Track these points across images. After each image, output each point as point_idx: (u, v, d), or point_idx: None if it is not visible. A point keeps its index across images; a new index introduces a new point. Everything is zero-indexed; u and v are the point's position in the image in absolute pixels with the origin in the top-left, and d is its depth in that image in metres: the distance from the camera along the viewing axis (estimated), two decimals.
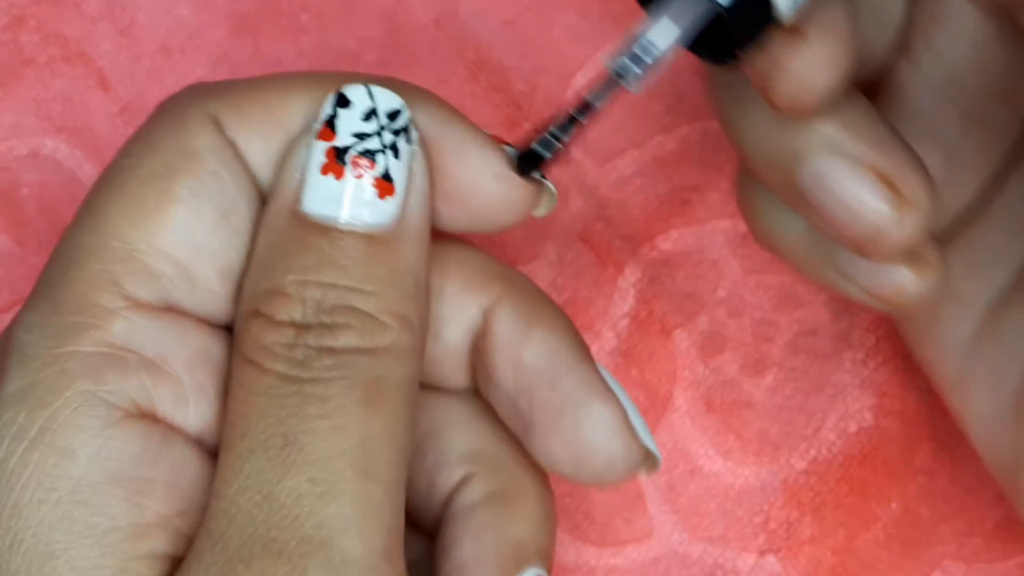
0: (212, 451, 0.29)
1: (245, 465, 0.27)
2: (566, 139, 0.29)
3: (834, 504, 0.38)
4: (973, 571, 0.38)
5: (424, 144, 0.30)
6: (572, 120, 0.28)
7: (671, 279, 0.39)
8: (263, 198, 0.30)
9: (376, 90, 0.29)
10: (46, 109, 0.40)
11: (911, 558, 0.38)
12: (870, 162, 0.29)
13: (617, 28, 0.40)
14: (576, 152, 0.40)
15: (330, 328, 0.28)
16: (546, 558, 0.31)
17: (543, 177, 0.30)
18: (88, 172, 0.39)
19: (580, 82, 0.40)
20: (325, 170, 0.29)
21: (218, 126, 0.29)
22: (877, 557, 0.38)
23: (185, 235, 0.29)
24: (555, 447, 0.30)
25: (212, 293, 0.29)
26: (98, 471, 0.27)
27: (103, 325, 0.28)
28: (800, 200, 0.30)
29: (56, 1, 0.40)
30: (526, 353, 0.30)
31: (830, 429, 0.39)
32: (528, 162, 0.29)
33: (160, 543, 0.28)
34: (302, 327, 0.28)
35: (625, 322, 0.39)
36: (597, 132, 0.39)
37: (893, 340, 0.39)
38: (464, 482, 0.31)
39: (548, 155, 0.29)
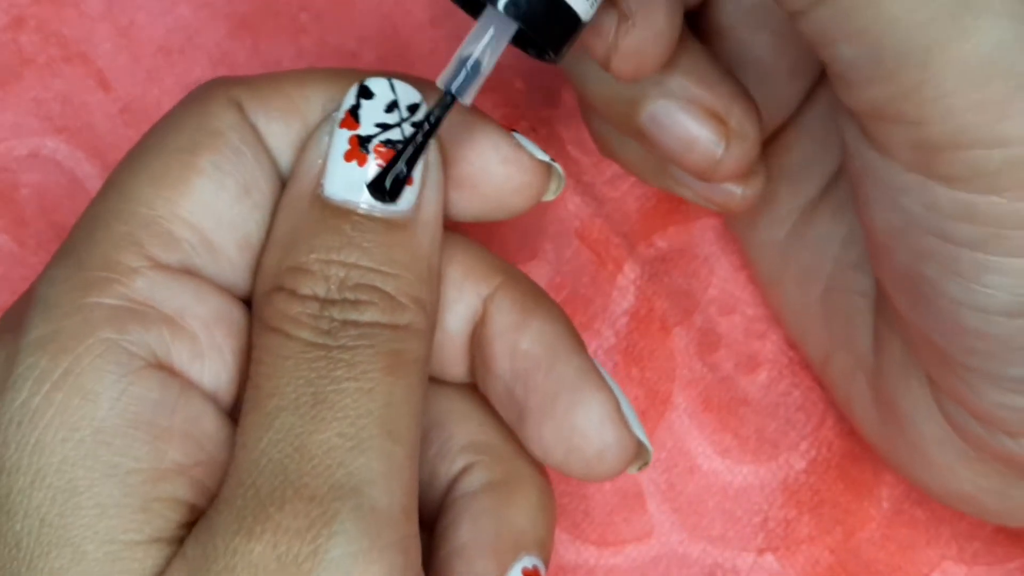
0: (226, 410, 0.30)
1: (275, 421, 0.28)
2: (416, 160, 0.30)
3: (831, 503, 0.38)
4: (973, 573, 0.38)
5: (438, 138, 0.30)
6: (420, 143, 0.30)
7: (669, 276, 0.39)
8: (282, 180, 0.31)
9: (397, 83, 0.31)
10: (46, 109, 0.40)
11: (909, 559, 0.38)
12: (699, 100, 0.32)
13: None
14: (572, 150, 0.40)
15: (354, 304, 0.29)
16: (543, 550, 0.32)
17: (552, 160, 0.31)
18: (88, 172, 0.40)
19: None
20: (348, 157, 0.30)
21: (240, 110, 0.31)
22: (875, 557, 0.38)
23: (207, 205, 0.30)
24: (547, 434, 0.31)
25: (231, 263, 0.30)
26: (120, 414, 0.28)
27: (125, 281, 0.29)
28: (640, 136, 0.33)
29: (56, 1, 0.40)
30: (523, 340, 0.31)
31: (829, 428, 0.38)
32: (378, 189, 0.30)
33: (180, 488, 0.28)
34: (326, 301, 0.29)
35: (625, 320, 0.39)
36: None
37: None
38: (465, 471, 0.32)
39: (402, 175, 0.30)
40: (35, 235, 0.39)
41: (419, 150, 0.30)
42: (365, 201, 0.30)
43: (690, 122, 0.32)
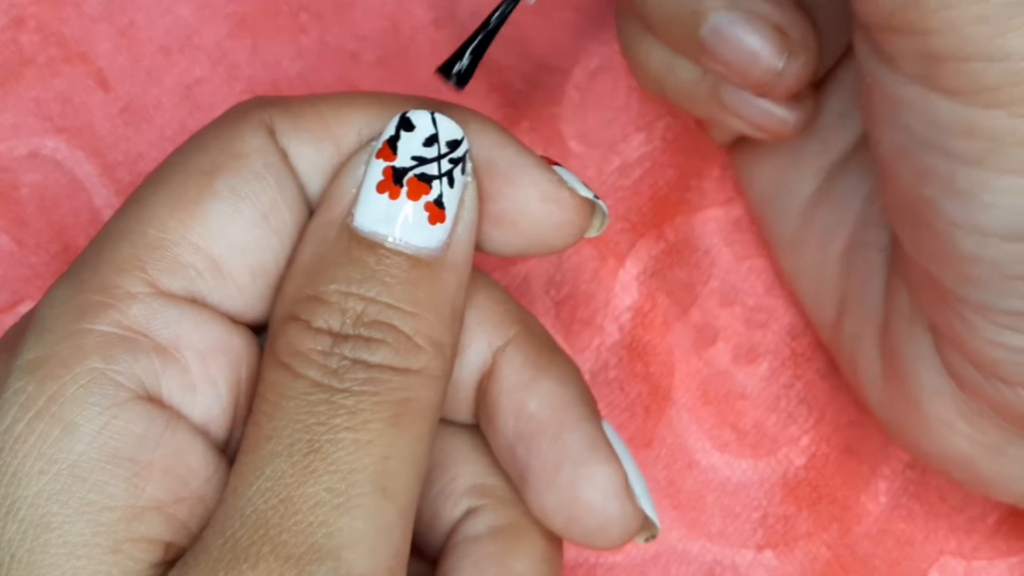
0: (217, 444, 0.29)
1: (267, 467, 0.27)
2: (483, 49, 0.30)
3: (829, 498, 0.38)
4: (973, 568, 0.38)
5: (476, 173, 0.30)
6: (490, 31, 0.30)
7: (671, 271, 0.39)
8: (309, 207, 0.30)
9: (440, 118, 0.30)
10: (46, 109, 0.40)
11: (907, 554, 0.38)
12: (763, 13, 0.33)
13: (614, 21, 0.40)
14: (575, 145, 0.40)
15: (367, 341, 0.28)
16: None
17: (596, 197, 0.31)
18: (88, 172, 0.39)
19: (579, 77, 0.40)
20: (381, 188, 0.29)
21: (270, 133, 0.30)
22: (872, 552, 0.38)
23: (219, 229, 0.29)
24: (549, 502, 0.30)
25: (241, 290, 0.30)
26: (99, 448, 0.27)
27: (121, 307, 0.28)
28: (700, 51, 0.33)
29: (56, 1, 0.40)
30: (531, 401, 0.30)
31: (828, 422, 0.39)
32: (450, 72, 0.30)
33: (155, 527, 0.28)
34: (339, 336, 0.28)
35: (628, 315, 0.39)
36: (597, 120, 0.39)
37: None
38: (469, 515, 0.31)
39: (470, 66, 0.30)
40: (35, 235, 0.39)
41: (488, 40, 0.29)
42: (394, 235, 0.29)
43: (753, 33, 0.33)
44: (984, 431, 0.33)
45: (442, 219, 0.29)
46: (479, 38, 0.29)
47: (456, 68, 0.29)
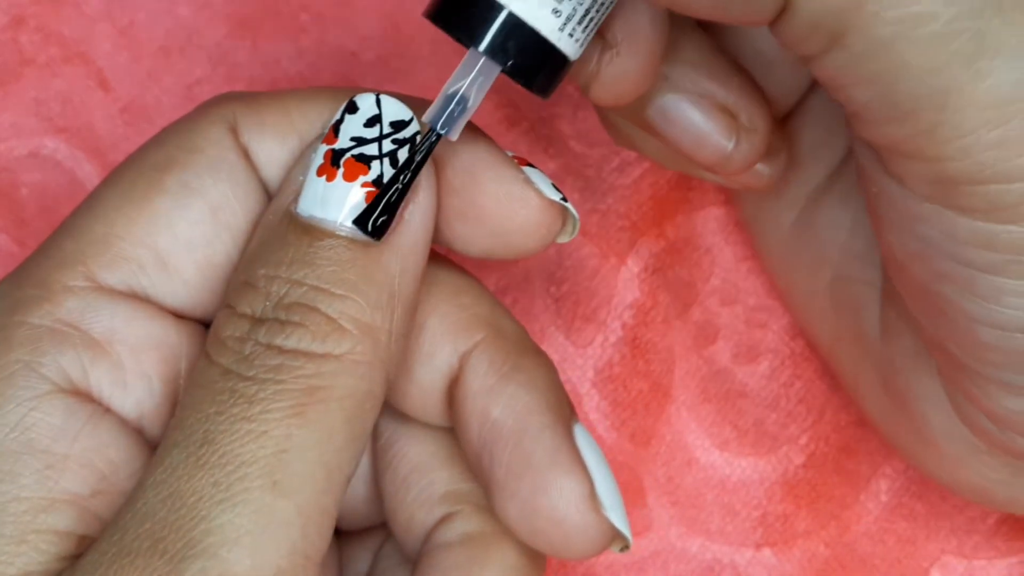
0: (152, 440, 0.29)
1: (167, 458, 0.27)
2: (403, 193, 0.29)
3: (827, 496, 0.38)
4: (973, 568, 0.38)
5: (438, 164, 0.29)
6: (409, 175, 0.28)
7: (672, 269, 0.39)
8: (270, 199, 0.30)
9: (385, 99, 0.29)
10: (46, 109, 0.40)
11: (908, 553, 0.38)
12: (709, 94, 0.32)
13: None
14: (575, 144, 0.40)
15: (283, 325, 0.27)
16: None
17: (565, 200, 0.30)
18: (88, 172, 0.39)
19: None
20: (320, 171, 0.28)
21: (231, 127, 0.30)
22: (872, 551, 0.38)
23: (165, 223, 0.29)
24: (512, 512, 0.29)
25: (187, 284, 0.30)
26: (16, 440, 0.27)
27: (57, 300, 0.29)
28: (650, 130, 0.32)
29: (56, 1, 0.40)
30: (495, 408, 0.30)
31: (828, 421, 0.39)
32: (364, 224, 0.28)
33: (66, 520, 0.27)
34: (258, 321, 0.28)
35: (630, 313, 0.39)
36: (596, 120, 0.39)
37: None
38: (443, 521, 0.31)
39: (389, 213, 0.28)
40: (35, 235, 0.39)
41: (406, 188, 0.28)
42: (330, 217, 0.28)
43: (699, 116, 0.32)
44: (997, 468, 0.33)
45: (399, 219, 0.28)
46: (400, 185, 0.28)
47: (373, 220, 0.28)
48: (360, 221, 0.28)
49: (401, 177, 0.28)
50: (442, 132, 0.28)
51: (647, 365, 0.39)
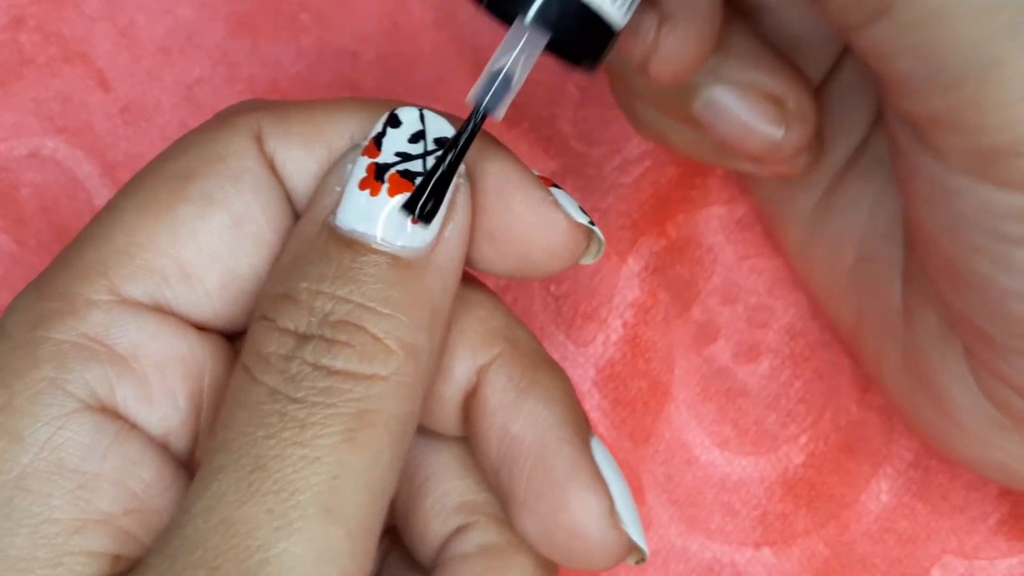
0: (179, 456, 0.29)
1: (213, 483, 0.26)
2: (448, 182, 0.28)
3: (827, 496, 0.38)
4: (974, 568, 0.38)
5: (471, 180, 0.29)
6: (453, 160, 0.28)
7: (672, 268, 0.39)
8: (296, 213, 0.30)
9: (429, 115, 0.29)
10: (46, 109, 0.40)
11: (909, 553, 0.38)
12: (756, 85, 0.32)
13: None
14: (576, 144, 0.40)
15: (329, 344, 0.27)
16: None
17: (592, 224, 0.30)
18: (88, 172, 0.39)
19: (580, 76, 0.40)
20: (363, 185, 0.28)
21: (256, 137, 0.29)
22: (873, 551, 0.38)
23: (188, 234, 0.29)
24: (531, 526, 0.29)
25: (211, 296, 0.29)
26: (45, 460, 0.27)
27: (81, 314, 0.28)
28: (694, 123, 0.32)
29: (56, 1, 0.40)
30: (514, 423, 0.29)
31: (828, 420, 0.39)
32: (413, 208, 0.28)
33: (101, 540, 0.27)
34: (303, 337, 0.27)
35: (631, 312, 0.39)
36: (599, 119, 0.39)
37: None
38: (459, 531, 0.31)
39: (436, 199, 0.28)
40: (35, 235, 0.39)
41: (451, 170, 0.28)
42: (375, 232, 0.27)
43: (748, 108, 0.32)
44: (1020, 443, 0.33)
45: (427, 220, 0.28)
46: (443, 169, 0.28)
47: (420, 206, 0.28)
48: (408, 206, 0.28)
49: (448, 159, 0.28)
50: (488, 111, 0.28)
51: (647, 364, 0.39)
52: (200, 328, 0.29)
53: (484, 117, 0.28)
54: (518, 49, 0.28)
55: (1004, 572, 0.38)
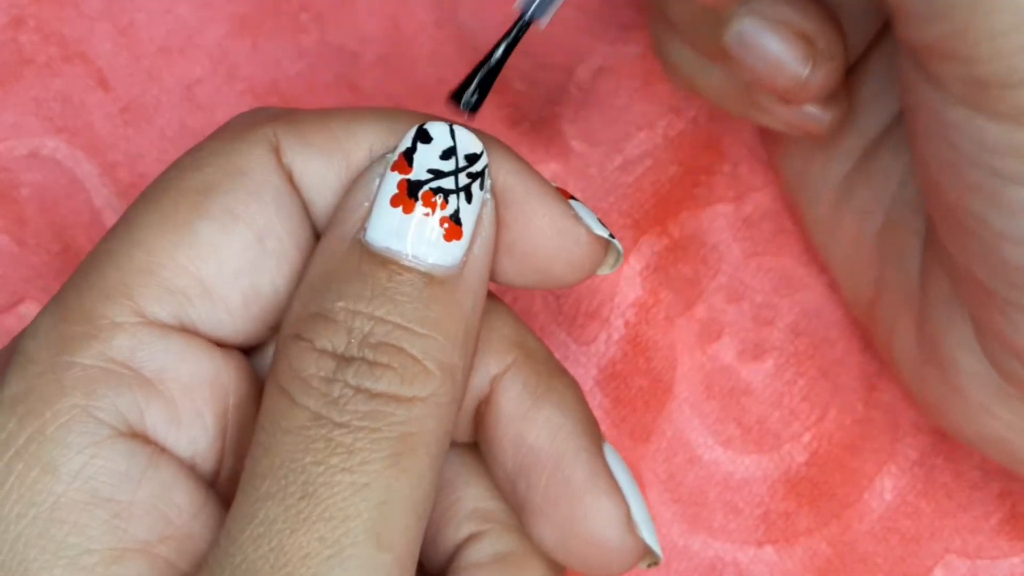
0: (205, 477, 0.29)
1: (260, 510, 0.26)
2: (488, 80, 0.28)
3: (829, 495, 0.38)
4: (977, 567, 0.38)
5: (494, 196, 0.29)
6: (494, 64, 0.28)
7: (675, 266, 0.39)
8: (314, 226, 0.29)
9: (459, 130, 0.29)
10: (46, 109, 0.40)
11: (912, 552, 0.38)
12: (787, 20, 0.32)
13: (617, 19, 0.40)
14: (577, 144, 0.40)
15: (371, 366, 0.27)
16: None
17: (612, 236, 0.30)
18: (88, 172, 0.39)
19: (582, 76, 0.40)
20: (395, 202, 0.28)
21: (274, 149, 0.29)
22: (875, 550, 0.38)
23: (210, 251, 0.28)
24: (548, 535, 0.29)
25: (232, 314, 0.29)
26: (79, 489, 0.27)
27: (106, 338, 0.28)
28: (725, 58, 0.32)
29: (56, 1, 0.40)
30: (530, 432, 0.29)
31: (831, 420, 0.39)
32: (458, 99, 0.28)
33: (138, 569, 0.27)
34: (343, 359, 0.27)
35: (632, 310, 0.39)
36: (600, 119, 0.39)
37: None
38: (471, 539, 0.31)
39: (481, 94, 0.28)
40: (35, 235, 0.39)
41: (498, 67, 0.28)
42: (408, 251, 0.27)
43: (778, 41, 0.32)
44: (1022, 416, 0.33)
45: (458, 236, 0.28)
46: (489, 65, 0.28)
47: (467, 96, 0.28)
48: (456, 96, 0.28)
49: (495, 57, 0.28)
50: (533, 18, 0.27)
51: (648, 363, 0.39)
52: (220, 344, 0.29)
53: (529, 24, 0.28)
54: None
55: (1007, 571, 0.38)
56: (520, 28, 0.28)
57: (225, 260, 0.28)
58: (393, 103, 0.40)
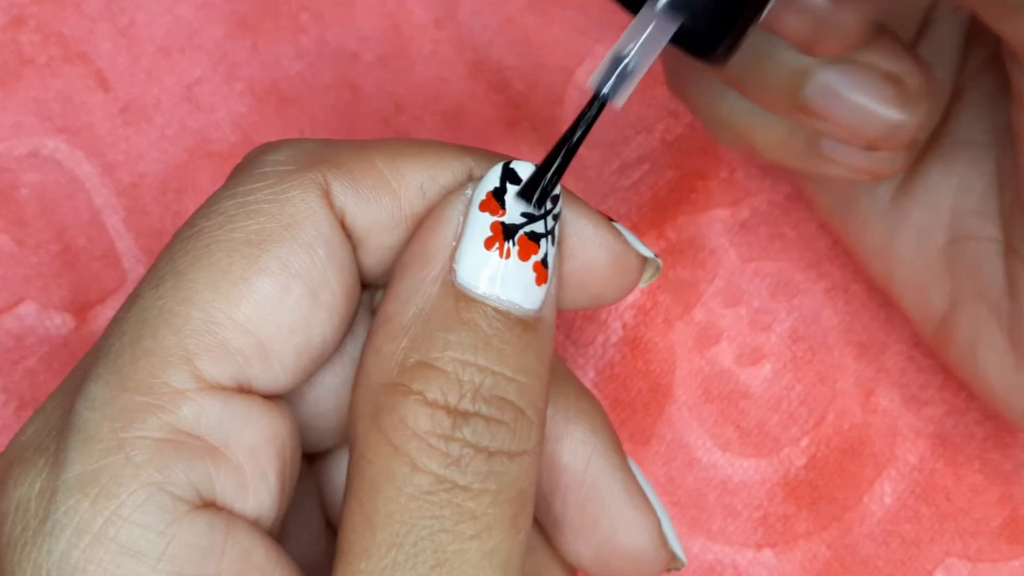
0: (270, 531, 0.28)
1: None
2: (565, 163, 0.27)
3: (829, 498, 0.38)
4: (978, 571, 0.38)
5: (560, 236, 0.28)
6: (572, 146, 0.27)
7: (673, 269, 0.39)
8: (361, 271, 0.29)
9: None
10: (46, 109, 0.40)
11: (912, 555, 0.38)
12: (873, 64, 0.30)
13: (617, 21, 0.40)
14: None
15: (487, 422, 0.26)
16: None
17: (655, 256, 0.29)
18: (88, 172, 0.39)
19: (581, 78, 0.40)
20: (489, 244, 0.27)
21: (325, 194, 0.28)
22: (875, 553, 0.38)
23: (268, 310, 0.27)
24: (585, 552, 0.30)
25: (286, 370, 0.28)
26: (166, 570, 0.26)
27: (171, 408, 0.26)
28: (801, 111, 0.30)
29: (56, 1, 0.40)
30: (563, 453, 0.29)
31: (830, 424, 0.38)
32: (532, 192, 0.27)
33: None
34: (459, 414, 0.26)
35: (631, 313, 0.39)
36: (599, 122, 0.39)
37: (898, 327, 0.39)
38: None
39: (555, 185, 0.27)
40: (35, 235, 0.39)
41: (569, 158, 0.27)
42: (504, 295, 0.27)
43: (867, 89, 0.30)
44: None
45: (545, 279, 0.27)
46: (560, 158, 0.27)
47: (546, 183, 0.27)
48: (525, 194, 0.27)
49: (566, 146, 0.27)
50: (607, 98, 0.27)
51: (647, 365, 0.39)
52: (269, 397, 0.28)
53: (604, 104, 0.27)
54: (645, 36, 0.26)
55: (1007, 575, 0.38)
56: (597, 109, 0.27)
57: (282, 319, 0.27)
58: (393, 103, 0.40)
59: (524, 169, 0.27)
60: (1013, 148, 0.31)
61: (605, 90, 0.27)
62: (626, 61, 0.26)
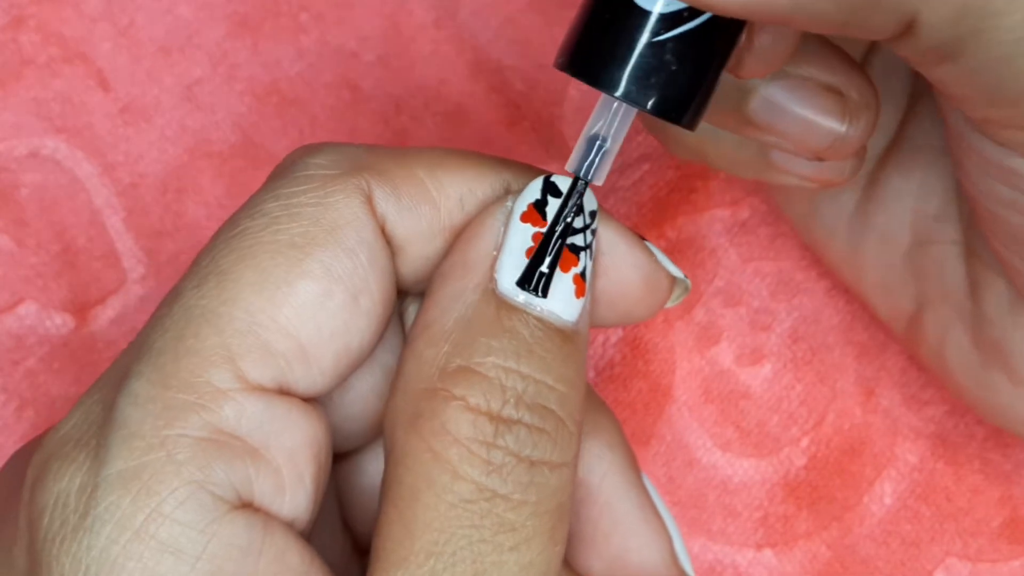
0: (304, 534, 0.28)
1: None
2: (562, 246, 0.28)
3: (829, 498, 0.38)
4: (978, 571, 0.38)
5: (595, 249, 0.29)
6: (564, 229, 0.28)
7: None
8: (399, 277, 0.29)
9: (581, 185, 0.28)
10: (46, 109, 0.40)
11: (912, 555, 0.38)
12: (815, 77, 0.30)
13: None
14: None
15: (529, 430, 0.26)
16: None
17: (684, 276, 0.30)
18: (88, 172, 0.39)
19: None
20: (530, 254, 0.27)
21: (367, 200, 0.28)
22: (875, 553, 0.38)
23: (311, 313, 0.27)
24: (597, 564, 0.30)
25: (324, 374, 0.28)
26: (205, 569, 0.26)
27: (213, 407, 0.27)
28: (747, 125, 0.31)
29: (56, 1, 0.40)
30: (580, 467, 0.29)
31: (830, 424, 0.38)
32: (530, 278, 0.27)
33: None
34: (502, 421, 0.26)
35: None
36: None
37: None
38: None
39: (548, 271, 0.28)
40: (35, 235, 0.39)
41: (562, 241, 0.27)
42: (545, 306, 0.27)
43: (809, 102, 0.30)
44: None
45: (583, 292, 0.28)
46: (556, 243, 0.27)
47: (538, 279, 0.27)
48: (523, 282, 0.27)
49: (558, 231, 0.27)
50: (588, 179, 0.27)
51: (647, 365, 0.39)
52: (307, 400, 0.28)
53: (586, 185, 0.27)
54: (612, 117, 0.27)
55: (1007, 575, 0.38)
56: (579, 191, 0.28)
57: (323, 323, 0.27)
58: (393, 103, 0.40)
59: (564, 183, 0.28)
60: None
61: (586, 173, 0.27)
62: (599, 143, 0.27)
